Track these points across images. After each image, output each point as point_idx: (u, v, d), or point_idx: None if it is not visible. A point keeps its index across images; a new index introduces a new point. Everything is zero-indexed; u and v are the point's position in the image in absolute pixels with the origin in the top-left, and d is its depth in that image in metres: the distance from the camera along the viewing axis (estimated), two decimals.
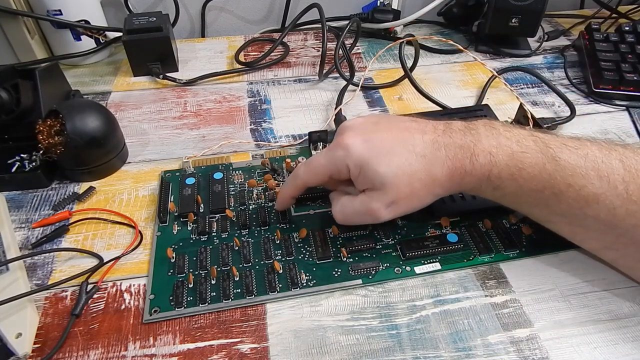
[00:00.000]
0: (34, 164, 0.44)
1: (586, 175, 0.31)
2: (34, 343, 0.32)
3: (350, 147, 0.34)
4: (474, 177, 0.33)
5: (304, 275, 0.36)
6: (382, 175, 0.33)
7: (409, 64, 0.56)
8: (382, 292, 0.36)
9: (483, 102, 0.55)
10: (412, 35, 0.55)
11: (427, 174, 0.33)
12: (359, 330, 0.33)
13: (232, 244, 0.38)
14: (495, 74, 0.51)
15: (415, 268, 0.37)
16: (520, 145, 0.32)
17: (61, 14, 0.57)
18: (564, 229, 0.34)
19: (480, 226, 0.40)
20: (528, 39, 0.66)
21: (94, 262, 0.37)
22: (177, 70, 0.62)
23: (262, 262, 0.37)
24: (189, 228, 0.40)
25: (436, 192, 0.34)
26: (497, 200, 0.35)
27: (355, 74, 0.58)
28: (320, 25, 0.65)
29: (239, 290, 0.35)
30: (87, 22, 0.60)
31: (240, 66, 0.62)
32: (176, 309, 0.34)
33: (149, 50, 0.58)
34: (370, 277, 0.36)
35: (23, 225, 0.41)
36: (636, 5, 0.73)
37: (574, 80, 0.59)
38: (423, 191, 0.34)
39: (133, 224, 0.41)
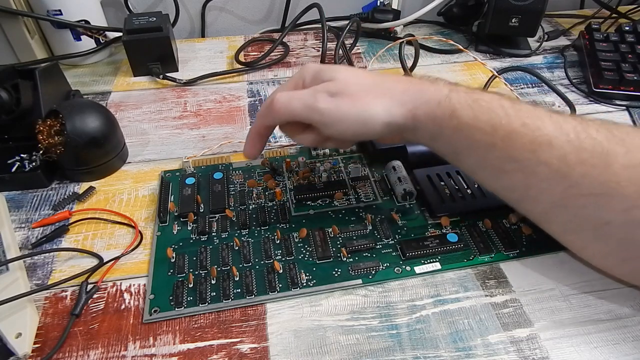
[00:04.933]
0: (34, 164, 0.44)
1: (541, 117, 0.31)
2: (34, 343, 0.32)
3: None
4: (430, 95, 0.33)
5: (304, 275, 0.36)
6: (336, 72, 0.35)
7: (409, 63, 0.56)
8: (382, 292, 0.36)
9: None
10: (412, 35, 0.55)
11: (381, 83, 0.34)
12: (359, 330, 0.33)
13: (232, 244, 0.38)
14: (496, 73, 0.51)
15: (415, 268, 0.37)
16: (478, 91, 0.34)
17: (61, 14, 0.58)
18: (517, 178, 0.33)
19: (480, 226, 0.40)
20: (528, 39, 0.66)
21: (94, 262, 0.37)
22: (177, 70, 0.62)
23: (262, 262, 0.37)
24: (189, 228, 0.40)
25: (386, 105, 0.33)
26: (448, 141, 0.34)
27: None
28: (320, 25, 0.65)
29: (239, 290, 0.35)
30: (87, 22, 0.60)
31: (240, 66, 0.62)
32: (176, 309, 0.34)
33: (149, 50, 0.58)
34: (370, 277, 0.36)
35: (23, 225, 0.41)
36: (636, 5, 0.73)
37: (574, 80, 0.59)
38: (370, 97, 0.33)
39: (133, 224, 0.41)
